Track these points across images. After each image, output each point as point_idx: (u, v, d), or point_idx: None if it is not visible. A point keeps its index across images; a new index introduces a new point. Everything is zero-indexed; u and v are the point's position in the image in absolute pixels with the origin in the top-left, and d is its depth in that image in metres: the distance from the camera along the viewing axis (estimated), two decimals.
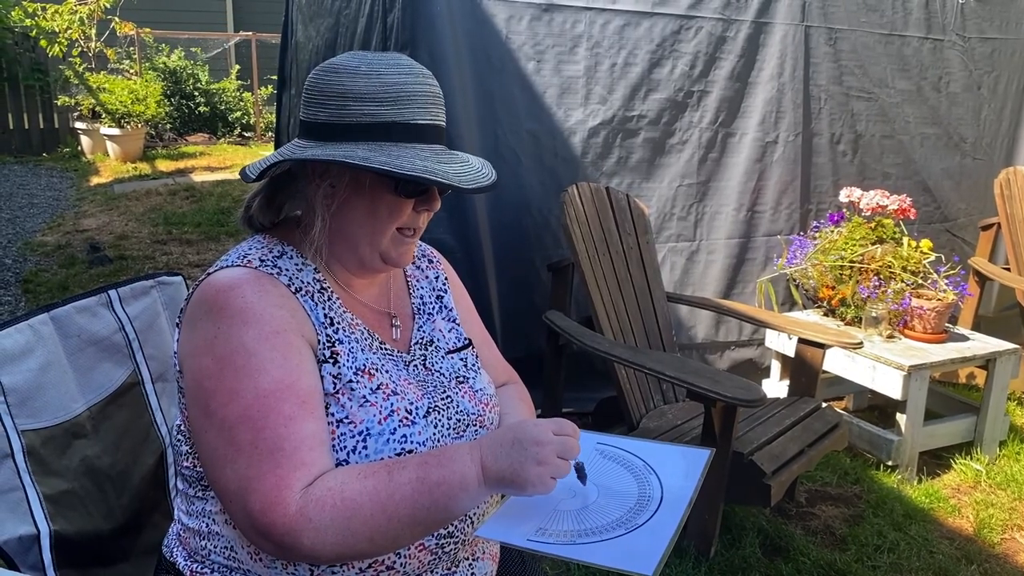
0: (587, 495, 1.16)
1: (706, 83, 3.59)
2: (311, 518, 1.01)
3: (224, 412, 1.09)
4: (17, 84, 8.99)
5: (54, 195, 7.27)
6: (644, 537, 1.06)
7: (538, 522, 1.10)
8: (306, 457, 1.06)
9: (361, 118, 1.16)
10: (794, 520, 2.87)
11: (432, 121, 1.19)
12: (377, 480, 1.06)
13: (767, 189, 3.75)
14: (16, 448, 1.34)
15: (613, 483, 1.18)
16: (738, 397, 2.31)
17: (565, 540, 1.06)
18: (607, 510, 1.12)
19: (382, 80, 1.16)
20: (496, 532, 1.10)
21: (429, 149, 1.18)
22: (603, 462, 1.22)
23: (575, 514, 1.12)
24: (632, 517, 1.10)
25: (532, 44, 3.28)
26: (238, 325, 1.12)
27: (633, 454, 1.24)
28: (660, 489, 1.16)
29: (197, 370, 1.13)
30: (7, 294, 4.78)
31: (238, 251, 1.25)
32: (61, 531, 1.38)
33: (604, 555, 1.03)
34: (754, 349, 3.74)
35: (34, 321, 1.43)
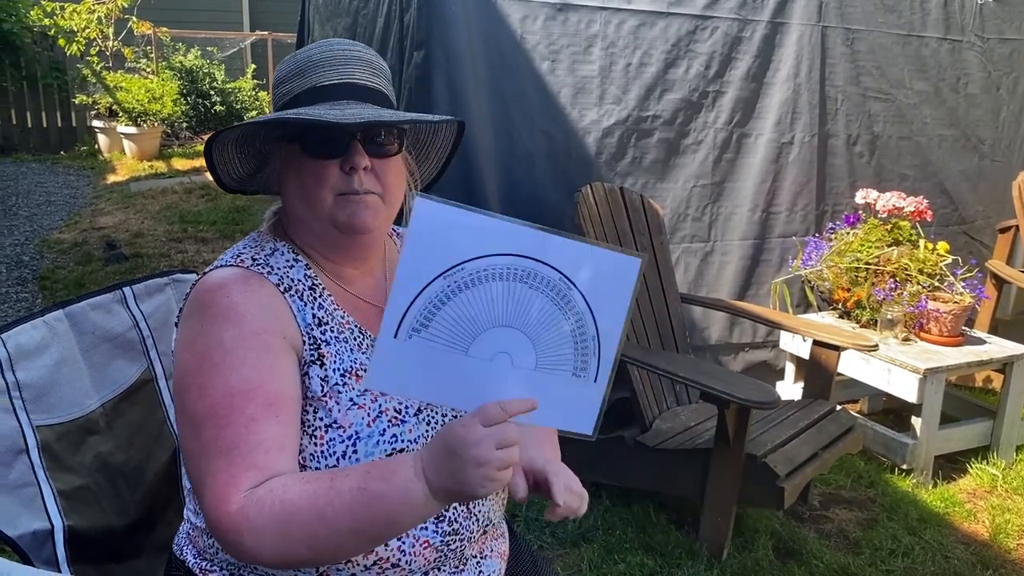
0: (512, 351, 1.00)
1: (721, 83, 3.57)
2: (250, 518, 1.00)
3: (194, 408, 1.10)
4: (36, 83, 9.05)
5: (71, 193, 7.32)
6: (581, 390, 1.02)
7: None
8: (260, 459, 1.05)
9: (283, 98, 1.23)
10: (807, 523, 2.85)
11: (340, 80, 1.20)
12: (318, 486, 1.01)
13: (782, 190, 3.73)
14: (31, 444, 1.35)
15: (536, 319, 1.00)
16: (752, 399, 2.29)
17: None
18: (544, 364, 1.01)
19: (295, 59, 1.24)
20: (388, 383, 1.02)
21: (329, 104, 1.19)
22: (517, 288, 0.99)
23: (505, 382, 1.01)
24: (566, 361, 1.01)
25: (547, 44, 3.28)
26: (220, 323, 1.13)
27: (547, 264, 0.99)
28: (592, 319, 1.01)
29: (179, 365, 1.16)
30: (24, 291, 4.82)
31: (234, 250, 1.26)
32: (75, 526, 1.38)
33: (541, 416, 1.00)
34: (768, 351, 3.72)
35: (49, 318, 1.44)
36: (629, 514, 2.76)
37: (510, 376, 1.00)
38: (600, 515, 2.74)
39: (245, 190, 1.36)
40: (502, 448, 0.95)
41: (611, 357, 1.02)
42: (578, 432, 1.03)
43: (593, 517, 2.72)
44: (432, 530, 1.19)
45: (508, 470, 0.97)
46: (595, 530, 2.67)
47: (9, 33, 8.66)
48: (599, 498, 2.83)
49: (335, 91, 1.20)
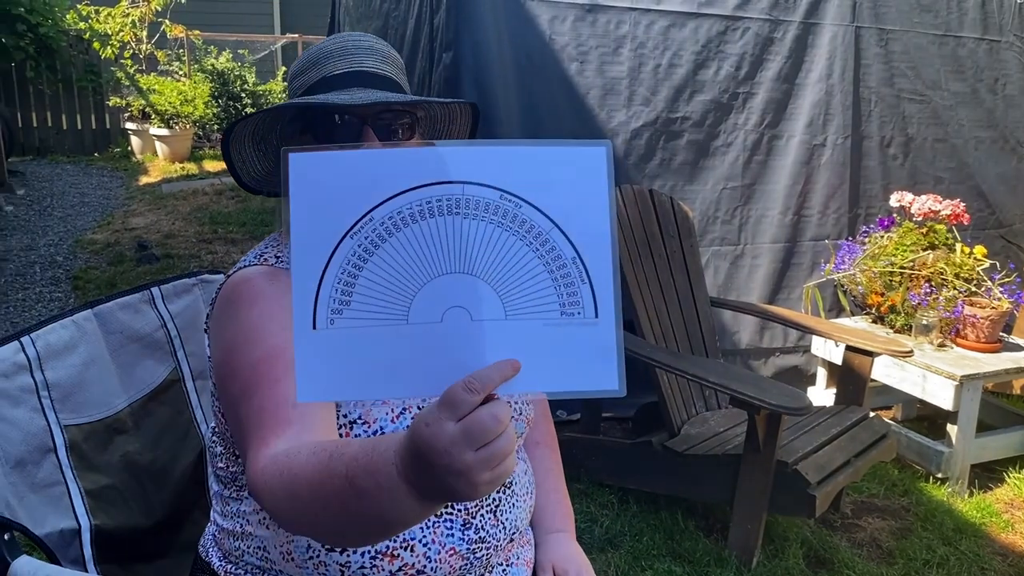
0: (476, 303, 0.77)
1: (752, 85, 3.53)
2: (268, 481, 0.94)
3: (230, 391, 1.11)
4: (71, 86, 9.19)
5: (104, 194, 7.42)
6: (581, 332, 0.77)
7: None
8: (289, 414, 1.01)
9: (296, 92, 1.25)
10: (839, 531, 2.80)
11: (351, 69, 1.22)
12: (319, 461, 0.88)
13: (814, 193, 3.68)
14: (59, 443, 1.36)
15: (484, 254, 0.78)
16: (783, 405, 2.25)
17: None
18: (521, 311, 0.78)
19: (308, 54, 1.26)
20: (328, 390, 0.80)
21: (345, 92, 1.20)
22: (446, 223, 0.78)
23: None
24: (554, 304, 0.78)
25: (575, 45, 3.26)
26: (246, 307, 1.14)
27: (477, 183, 0.78)
28: (563, 236, 0.78)
29: (215, 362, 1.17)
30: (57, 290, 4.88)
31: (256, 251, 1.27)
32: (102, 526, 1.39)
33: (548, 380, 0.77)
34: (799, 356, 3.67)
35: (78, 317, 1.44)
36: (657, 520, 2.73)
37: (474, 334, 0.76)
38: (627, 521, 2.71)
39: (264, 191, 1.36)
40: (483, 447, 0.71)
41: (608, 281, 0.78)
42: (599, 389, 0.77)
43: (620, 523, 2.69)
44: (458, 537, 1.17)
45: (504, 463, 0.73)
46: (622, 536, 2.64)
47: (46, 37, 8.80)
48: (626, 504, 2.80)
49: (345, 80, 1.22)
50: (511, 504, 1.25)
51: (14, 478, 1.28)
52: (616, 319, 0.78)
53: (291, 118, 1.26)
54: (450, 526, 1.17)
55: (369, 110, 1.19)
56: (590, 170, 0.78)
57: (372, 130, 1.19)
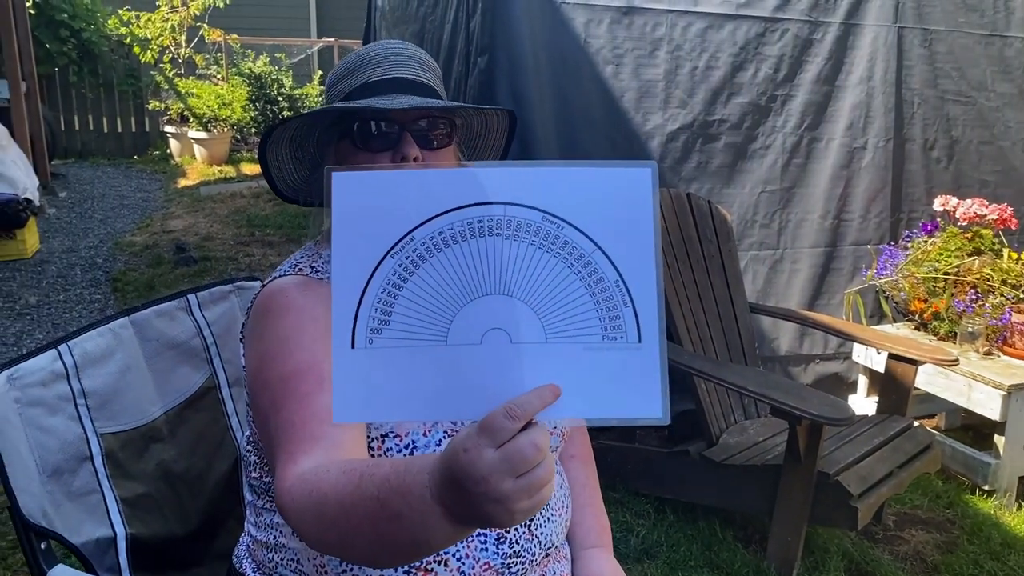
0: (516, 327, 0.76)
1: (791, 87, 3.47)
2: (295, 499, 0.92)
3: (260, 404, 1.10)
4: (112, 89, 9.35)
5: (144, 196, 7.52)
6: (624, 357, 0.75)
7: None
8: (316, 430, 1.00)
9: (334, 99, 1.25)
10: (881, 544, 2.73)
11: (390, 75, 1.22)
12: (348, 481, 0.86)
13: (855, 196, 3.61)
14: (95, 451, 1.36)
15: (524, 275, 0.76)
16: (825, 415, 2.20)
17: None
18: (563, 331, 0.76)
19: (346, 61, 1.26)
20: (366, 411, 0.79)
21: (384, 98, 1.18)
22: (487, 245, 0.76)
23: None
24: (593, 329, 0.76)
25: (611, 48, 3.22)
26: (278, 318, 1.14)
27: (519, 204, 0.76)
28: (606, 259, 0.76)
29: (247, 374, 1.16)
30: (97, 292, 4.95)
31: (291, 260, 1.26)
32: (137, 534, 1.39)
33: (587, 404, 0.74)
34: (840, 363, 3.60)
35: (114, 325, 1.45)
36: (694, 530, 2.68)
37: (513, 357, 0.75)
38: (664, 531, 2.67)
39: (300, 199, 1.35)
40: (522, 475, 0.70)
41: (652, 304, 0.76)
42: (642, 416, 0.75)
43: (657, 533, 2.65)
44: (493, 551, 1.15)
45: (543, 491, 0.72)
46: (659, 546, 2.60)
47: (88, 42, 8.97)
48: (663, 513, 2.76)
49: (384, 86, 1.21)
50: (546, 518, 1.23)
51: (51, 486, 1.28)
52: (660, 344, 0.76)
53: (329, 124, 1.26)
54: (484, 540, 1.15)
55: (407, 116, 1.18)
56: (634, 191, 0.77)
57: (411, 135, 1.19)
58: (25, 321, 4.46)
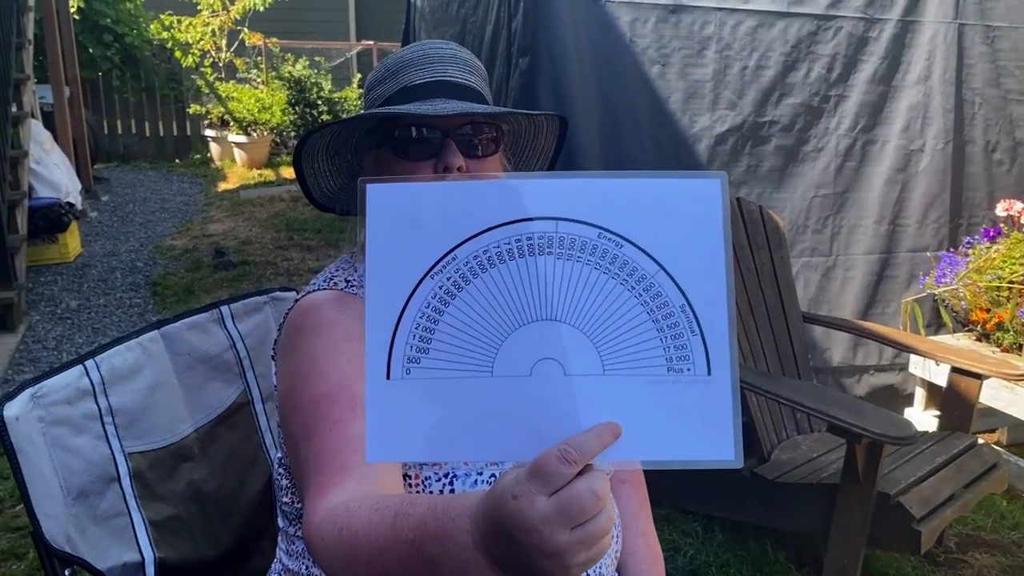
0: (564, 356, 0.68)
1: (845, 87, 3.34)
2: (323, 537, 0.85)
3: (290, 428, 1.04)
4: (154, 94, 9.43)
5: (184, 200, 7.56)
6: (691, 392, 0.67)
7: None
8: (349, 460, 0.93)
9: (374, 103, 1.17)
10: (943, 568, 2.59)
11: (433, 78, 1.14)
12: (382, 519, 0.79)
13: (912, 201, 3.46)
14: (123, 472, 1.30)
15: (578, 299, 0.69)
16: (887, 434, 2.07)
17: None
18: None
19: (386, 63, 1.18)
20: (400, 450, 0.72)
21: (427, 103, 1.11)
22: (537, 265, 0.69)
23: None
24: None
25: (657, 47, 3.12)
26: (310, 336, 1.07)
27: (571, 220, 0.69)
28: (670, 280, 0.68)
29: (279, 396, 1.10)
30: (136, 296, 4.95)
31: (326, 273, 1.20)
32: (166, 558, 1.32)
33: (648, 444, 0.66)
34: (895, 374, 3.45)
35: (144, 339, 1.39)
36: (744, 551, 2.57)
37: (567, 391, 0.67)
38: (713, 551, 2.56)
39: (336, 208, 1.28)
40: (579, 526, 0.62)
41: (723, 332, 0.67)
42: (711, 459, 0.66)
43: (705, 553, 2.54)
44: None
45: (601, 543, 0.64)
46: (708, 567, 2.49)
47: (131, 47, 9.06)
48: (712, 532, 2.65)
49: (427, 89, 1.13)
50: None
51: (76, 510, 1.22)
52: (732, 377, 0.67)
53: (368, 130, 1.18)
54: None
55: (452, 122, 1.10)
56: (703, 205, 0.69)
57: (454, 143, 1.11)
58: (66, 325, 4.48)
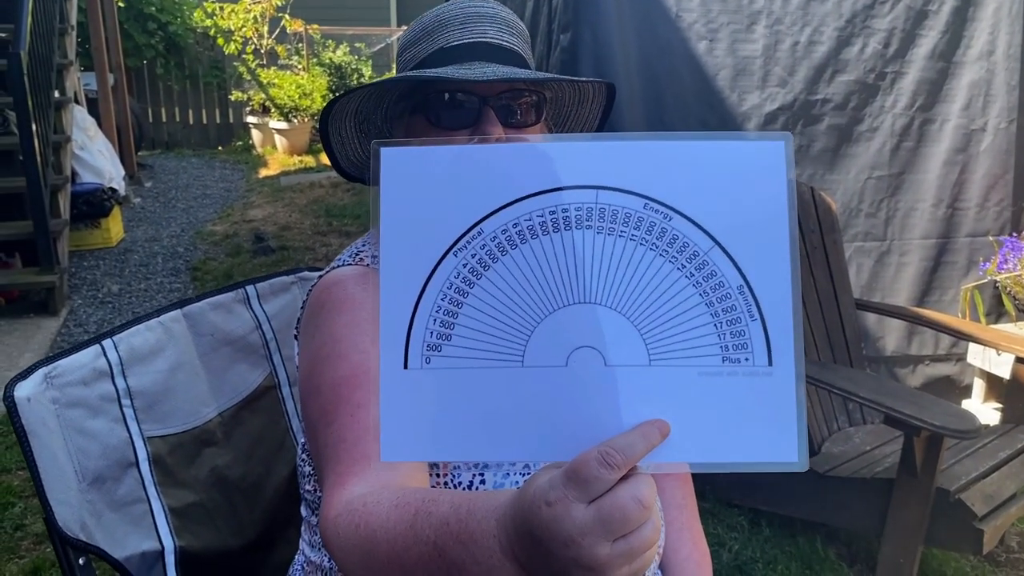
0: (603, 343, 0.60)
1: (902, 63, 3.19)
2: (340, 533, 0.79)
3: (310, 411, 0.97)
4: (197, 82, 9.50)
5: (226, 186, 7.59)
6: (749, 385, 0.59)
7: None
8: (370, 448, 0.85)
9: (407, 65, 1.10)
10: (1004, 568, 2.46)
11: (471, 39, 1.05)
12: (401, 517, 0.72)
13: (972, 183, 3.30)
14: (141, 457, 1.24)
15: (622, 279, 0.60)
16: (948, 427, 1.96)
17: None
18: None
19: (421, 22, 1.11)
20: (416, 448, 0.65)
21: (465, 66, 1.02)
22: (575, 239, 0.61)
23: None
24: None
25: (704, 22, 3.00)
26: (333, 315, 1.00)
27: (614, 188, 0.60)
28: (726, 257, 0.60)
29: (300, 377, 1.03)
30: (177, 281, 4.97)
31: (352, 248, 1.13)
32: (187, 547, 1.27)
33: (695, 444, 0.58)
34: (952, 365, 3.30)
35: (165, 318, 1.32)
36: (793, 546, 2.46)
37: (608, 384, 0.59)
38: (759, 546, 2.45)
39: (366, 179, 1.20)
40: (621, 538, 0.55)
41: (786, 317, 0.59)
42: (772, 461, 0.59)
43: (752, 548, 2.44)
44: None
45: (646, 555, 0.57)
46: (754, 563, 2.39)
47: (175, 35, 9.13)
48: (758, 527, 2.54)
49: (465, 51, 1.04)
50: None
51: (91, 495, 1.16)
52: (797, 368, 0.59)
53: (400, 95, 1.10)
54: None
55: (491, 88, 1.01)
56: (765, 171, 0.60)
57: (493, 111, 1.02)
58: (107, 309, 4.50)
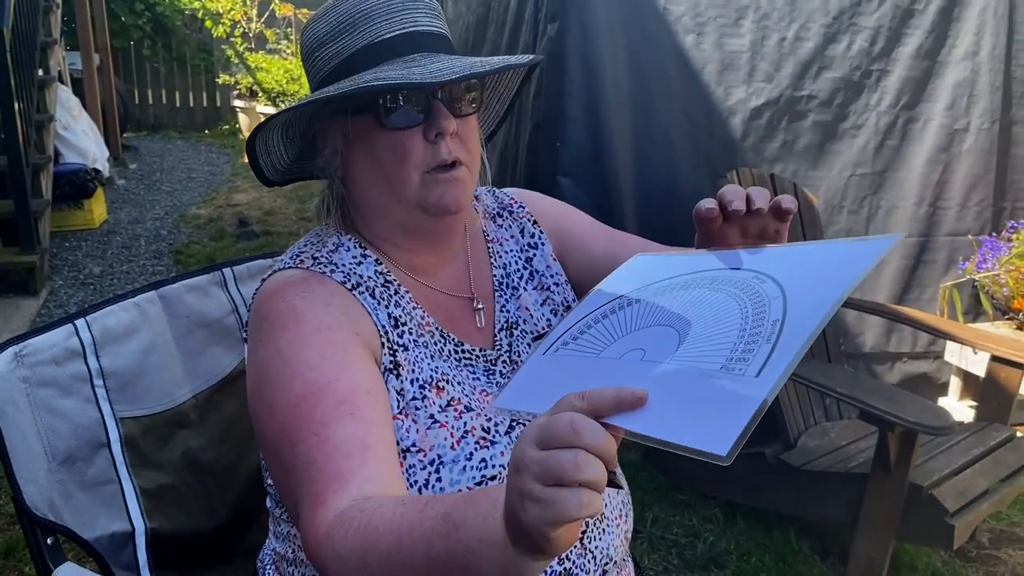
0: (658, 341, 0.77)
1: (887, 61, 3.20)
2: (335, 544, 0.79)
3: (266, 431, 0.94)
4: (184, 64, 9.42)
5: (211, 170, 7.54)
6: (728, 388, 0.67)
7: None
8: (343, 465, 0.86)
9: (330, 62, 1.04)
10: (975, 563, 2.49)
11: (402, 30, 1.01)
12: (409, 508, 0.76)
13: (954, 182, 3.32)
14: (113, 437, 1.24)
15: (693, 309, 0.79)
16: (922, 423, 1.98)
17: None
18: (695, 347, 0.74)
19: (336, 12, 1.04)
20: (516, 401, 0.83)
21: (400, 61, 0.99)
22: (717, 297, 0.80)
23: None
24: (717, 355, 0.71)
25: (692, 16, 3.00)
26: (277, 330, 0.97)
27: (741, 268, 0.84)
28: (782, 301, 0.74)
29: (249, 388, 1.00)
30: (159, 264, 4.94)
31: (294, 249, 1.10)
32: (159, 529, 1.27)
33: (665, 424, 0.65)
34: (930, 362, 3.33)
35: (140, 299, 1.32)
36: (767, 539, 2.48)
37: (636, 372, 0.74)
38: (734, 538, 2.47)
39: (285, 181, 1.15)
40: (551, 484, 0.59)
41: (793, 349, 0.67)
42: (703, 449, 0.64)
43: (726, 540, 2.46)
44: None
45: (559, 492, 0.59)
46: (728, 555, 2.41)
47: (162, 16, 9.05)
48: (733, 519, 2.56)
49: (398, 43, 1.01)
50: (600, 530, 1.07)
51: (61, 475, 1.16)
52: (773, 387, 0.65)
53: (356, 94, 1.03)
54: None
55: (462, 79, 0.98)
56: (861, 255, 0.77)
57: (442, 104, 1.00)
58: (88, 290, 4.47)
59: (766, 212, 0.92)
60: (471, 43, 3.98)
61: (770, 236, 0.94)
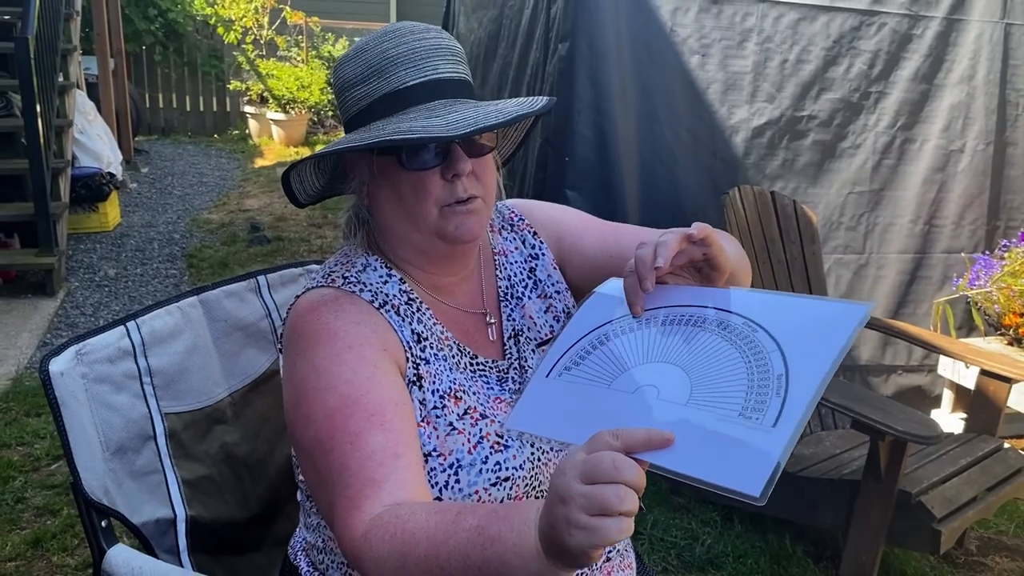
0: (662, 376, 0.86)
1: (886, 84, 3.32)
2: (372, 546, 0.89)
3: (303, 439, 1.04)
4: (196, 69, 9.54)
5: (222, 175, 7.65)
6: (750, 435, 0.75)
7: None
8: (375, 473, 0.94)
9: (358, 103, 1.11)
10: (963, 570, 2.59)
11: (425, 78, 1.08)
12: (442, 518, 0.85)
13: (949, 201, 3.43)
14: (159, 431, 1.34)
15: (697, 352, 0.87)
16: (911, 432, 2.08)
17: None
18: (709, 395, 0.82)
19: (365, 58, 1.10)
20: (527, 423, 0.93)
21: (423, 108, 1.07)
22: (682, 329, 0.91)
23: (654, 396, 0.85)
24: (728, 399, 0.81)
25: (698, 37, 3.12)
26: (312, 347, 1.06)
27: (731, 312, 0.90)
28: (781, 358, 0.82)
29: (285, 400, 1.10)
30: (172, 267, 5.04)
31: (324, 268, 1.19)
32: (197, 516, 1.37)
33: (697, 463, 0.74)
34: (924, 375, 3.43)
35: (183, 303, 1.42)
36: (763, 543, 2.58)
37: (655, 409, 0.82)
38: (731, 541, 2.57)
39: (315, 202, 1.27)
40: (592, 484, 0.71)
41: (803, 402, 0.76)
42: (738, 491, 0.73)
43: (724, 543, 2.56)
44: None
45: (604, 520, 0.70)
46: (725, 557, 2.50)
47: (174, 22, 9.17)
48: (730, 523, 2.66)
49: (421, 91, 1.08)
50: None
51: (114, 464, 1.26)
52: (793, 435, 0.74)
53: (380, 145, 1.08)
54: None
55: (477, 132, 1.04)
56: (843, 319, 0.83)
57: (460, 148, 1.08)
58: (103, 292, 4.57)
59: (685, 249, 0.98)
60: (482, 57, 4.09)
61: (701, 261, 1.01)
